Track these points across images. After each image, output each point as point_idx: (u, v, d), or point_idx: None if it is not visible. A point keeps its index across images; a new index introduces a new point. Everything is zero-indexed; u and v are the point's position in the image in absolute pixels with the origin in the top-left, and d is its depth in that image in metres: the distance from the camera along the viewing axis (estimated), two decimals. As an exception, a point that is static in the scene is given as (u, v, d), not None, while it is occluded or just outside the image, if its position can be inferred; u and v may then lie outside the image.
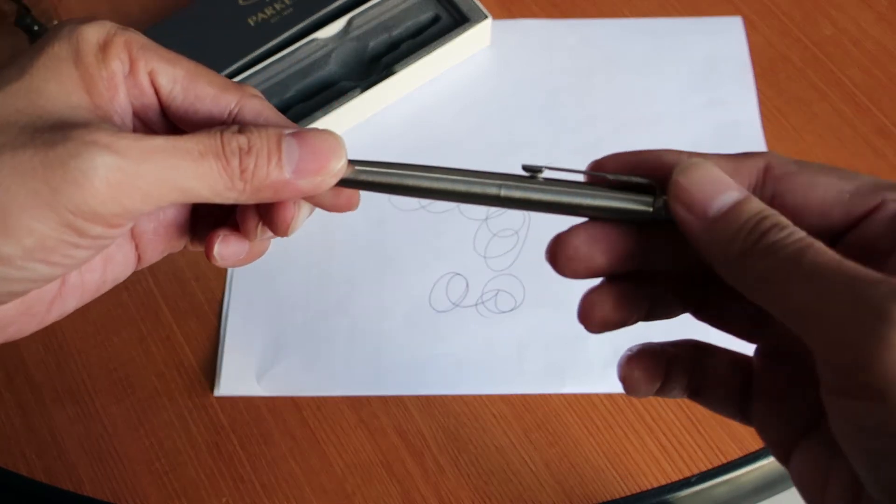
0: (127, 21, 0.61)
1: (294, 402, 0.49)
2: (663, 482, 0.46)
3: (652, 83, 0.58)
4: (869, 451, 0.20)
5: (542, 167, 0.26)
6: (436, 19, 0.58)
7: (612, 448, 0.47)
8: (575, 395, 0.48)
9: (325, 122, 0.54)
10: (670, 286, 0.27)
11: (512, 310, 0.50)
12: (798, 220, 0.24)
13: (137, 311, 0.51)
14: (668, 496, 0.46)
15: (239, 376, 0.49)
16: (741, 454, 0.46)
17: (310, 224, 0.55)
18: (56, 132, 0.23)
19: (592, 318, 0.26)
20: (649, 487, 0.46)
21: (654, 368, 0.26)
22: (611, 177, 0.26)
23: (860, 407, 0.20)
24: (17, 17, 0.59)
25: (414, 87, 0.58)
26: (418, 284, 0.51)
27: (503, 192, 0.26)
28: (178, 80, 0.27)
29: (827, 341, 0.20)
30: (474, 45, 0.58)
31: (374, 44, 0.57)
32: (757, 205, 0.23)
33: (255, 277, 0.52)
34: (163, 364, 0.50)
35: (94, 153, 0.23)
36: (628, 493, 0.46)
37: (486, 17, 0.57)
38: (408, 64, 0.55)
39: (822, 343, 0.21)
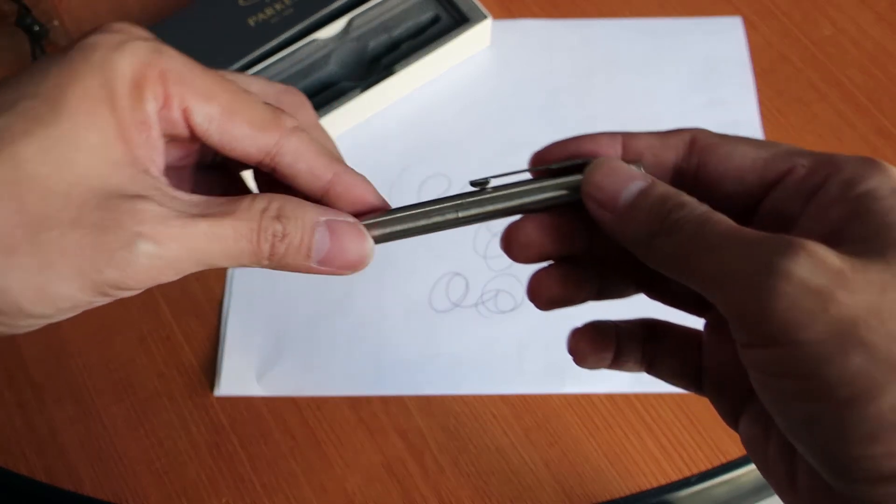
0: (127, 21, 0.61)
1: (294, 402, 0.49)
2: (663, 482, 0.46)
3: (652, 83, 0.58)
4: (776, 396, 0.22)
5: (488, 178, 0.28)
6: (436, 20, 0.58)
7: (612, 448, 0.47)
8: (575, 395, 0.48)
9: (325, 121, 0.54)
10: (619, 267, 0.29)
11: (512, 310, 0.50)
12: (719, 187, 0.26)
13: (137, 311, 0.51)
14: (668, 496, 0.46)
15: (239, 376, 0.49)
16: (741, 454, 0.46)
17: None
18: (104, 212, 0.23)
19: (540, 295, 0.28)
20: (649, 487, 0.46)
21: (601, 341, 0.29)
22: (554, 166, 0.28)
23: (764, 354, 0.22)
24: (17, 17, 0.59)
25: (414, 87, 0.58)
26: (418, 284, 0.51)
27: (461, 214, 0.28)
28: (214, 119, 0.26)
29: (732, 302, 0.22)
30: (474, 45, 0.58)
31: (374, 44, 0.57)
32: (661, 188, 0.25)
33: (255, 278, 0.52)
34: (163, 364, 0.50)
35: (140, 244, 0.23)
36: (628, 493, 0.46)
37: (485, 17, 0.57)
38: (408, 64, 0.55)
39: (728, 305, 0.22)
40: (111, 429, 0.48)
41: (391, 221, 0.28)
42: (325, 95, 0.55)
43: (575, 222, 0.27)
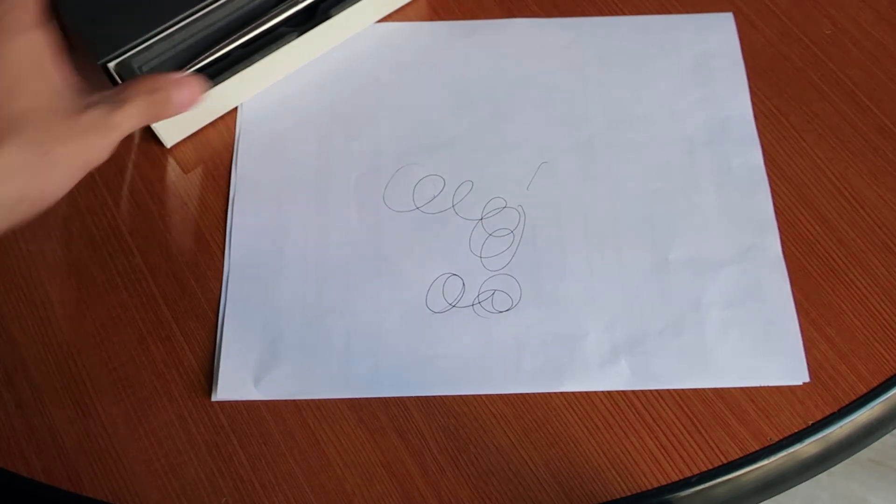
0: None
1: (294, 403, 0.49)
2: (663, 482, 0.46)
3: (644, 80, 0.58)
4: None
5: None
6: None
7: (612, 448, 0.47)
8: (575, 395, 0.48)
9: (261, 66, 0.55)
10: None
11: (509, 309, 0.50)
12: None
13: (137, 311, 0.51)
14: (668, 496, 0.46)
15: (236, 381, 0.49)
16: (741, 454, 0.46)
17: (305, 226, 0.55)
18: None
19: None
20: (649, 487, 0.46)
21: None
22: None
23: None
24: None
25: (351, 33, 0.58)
26: (415, 286, 0.51)
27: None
28: None
29: None
30: None
31: None
32: None
33: (250, 281, 0.52)
34: (162, 364, 0.50)
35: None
36: (628, 493, 0.46)
37: None
38: (343, 9, 0.56)
39: None
40: (110, 429, 0.48)
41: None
42: (263, 41, 0.55)
43: None
